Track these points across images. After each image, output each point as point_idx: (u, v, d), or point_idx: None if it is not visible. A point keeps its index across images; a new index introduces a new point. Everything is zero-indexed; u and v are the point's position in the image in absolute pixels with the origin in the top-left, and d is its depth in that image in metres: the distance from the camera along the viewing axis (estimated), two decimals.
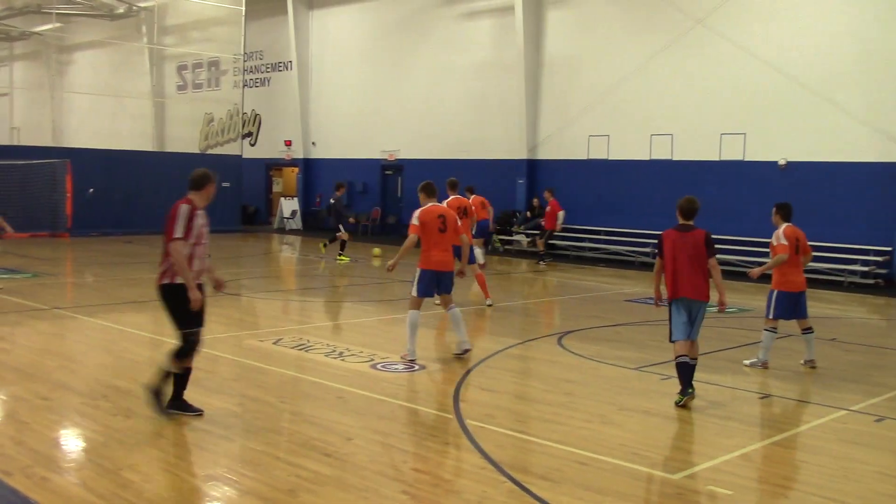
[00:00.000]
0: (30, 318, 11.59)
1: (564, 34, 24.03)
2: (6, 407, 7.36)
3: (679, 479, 5.82)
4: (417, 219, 9.31)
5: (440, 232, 9.33)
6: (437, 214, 9.38)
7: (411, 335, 9.28)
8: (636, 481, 5.80)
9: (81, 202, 25.07)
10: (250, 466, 5.86)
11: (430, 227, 9.28)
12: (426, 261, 9.31)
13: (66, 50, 40.56)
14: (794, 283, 9.48)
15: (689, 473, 5.97)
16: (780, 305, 9.43)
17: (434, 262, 9.32)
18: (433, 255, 9.30)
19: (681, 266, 7.88)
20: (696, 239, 7.93)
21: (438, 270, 9.35)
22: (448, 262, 9.45)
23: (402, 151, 28.45)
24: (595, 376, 8.96)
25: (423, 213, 9.35)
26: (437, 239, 9.29)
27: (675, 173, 21.51)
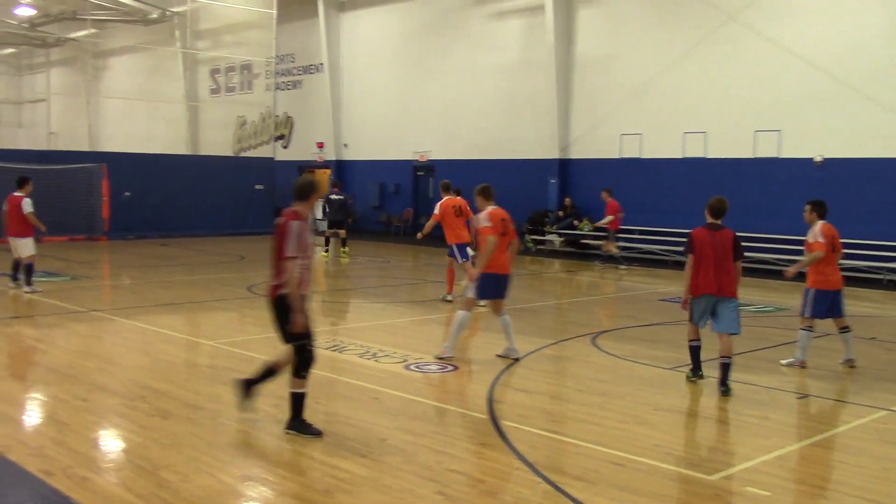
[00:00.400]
0: (68, 321, 11.76)
1: (595, 32, 23.92)
2: (47, 408, 7.48)
3: (716, 480, 5.77)
4: (488, 220, 9.18)
5: (502, 235, 9.25)
6: (500, 217, 9.29)
7: (456, 334, 9.25)
8: (672, 482, 5.76)
9: (117, 206, 25.38)
10: (286, 467, 5.90)
11: (499, 230, 9.20)
12: (491, 264, 9.16)
13: (102, 55, 41.12)
14: (831, 281, 9.35)
15: (726, 474, 5.91)
16: (817, 304, 9.31)
17: (498, 265, 9.21)
18: (497, 259, 9.19)
19: (709, 266, 8.14)
20: (724, 239, 8.21)
21: (502, 274, 9.27)
22: (508, 266, 9.38)
23: (433, 152, 28.48)
24: (630, 376, 8.91)
25: (491, 215, 9.24)
26: (501, 242, 9.19)
27: (709, 171, 21.31)
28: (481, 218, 9.25)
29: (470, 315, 9.28)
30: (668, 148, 22.21)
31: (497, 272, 9.23)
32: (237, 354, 9.62)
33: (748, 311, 13.62)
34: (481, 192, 9.50)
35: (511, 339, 9.47)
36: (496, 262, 9.20)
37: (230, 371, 8.85)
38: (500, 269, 9.24)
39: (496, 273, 9.23)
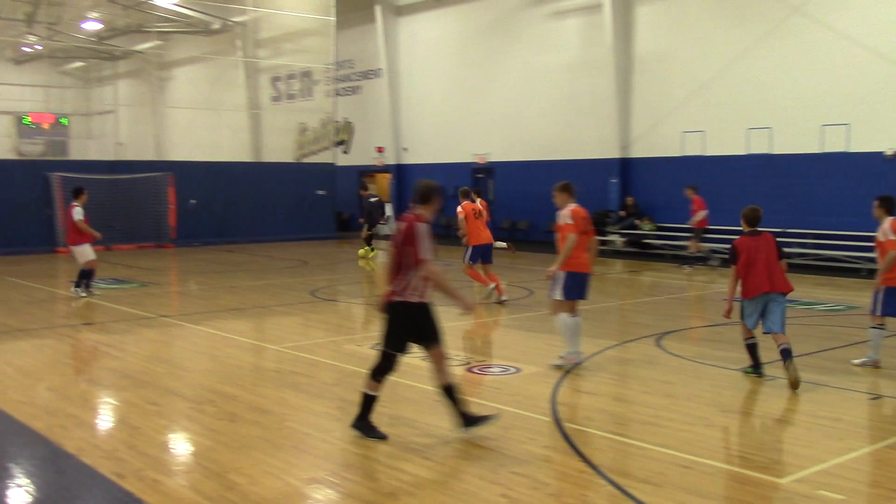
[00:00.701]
0: (138, 327, 12.04)
1: (655, 29, 23.64)
2: (119, 412, 7.67)
3: (788, 483, 5.64)
4: (572, 218, 8.96)
5: (583, 233, 9.05)
6: (582, 215, 9.07)
7: (571, 338, 9.02)
8: (742, 485, 5.65)
9: (184, 213, 25.93)
10: (352, 470, 5.94)
11: (581, 227, 8.99)
12: (576, 263, 8.98)
13: (166, 67, 42.05)
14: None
15: (798, 477, 5.77)
16: (888, 302, 9.03)
17: (580, 264, 9.03)
18: (579, 258, 9.00)
19: (759, 267, 8.43)
20: (767, 241, 8.59)
21: (585, 273, 9.11)
22: (590, 265, 9.21)
23: (492, 154, 28.45)
24: (696, 377, 8.77)
25: (573, 213, 8.99)
26: (581, 240, 8.99)
27: (775, 167, 20.89)
28: (564, 215, 9.01)
29: (569, 315, 9.04)
30: (731, 144, 21.82)
31: (581, 271, 9.04)
32: (302, 358, 9.74)
33: (818, 310, 13.30)
34: (563, 189, 9.18)
35: (577, 342, 9.29)
36: (579, 262, 9.00)
37: (295, 375, 8.97)
38: (583, 269, 9.05)
39: (580, 272, 9.03)
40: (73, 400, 7.94)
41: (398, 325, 6.54)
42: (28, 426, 7.00)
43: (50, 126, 38.18)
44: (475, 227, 13.96)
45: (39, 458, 6.33)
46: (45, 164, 27.63)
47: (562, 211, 9.08)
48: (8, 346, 10.79)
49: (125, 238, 24.90)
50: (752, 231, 8.66)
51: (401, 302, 6.48)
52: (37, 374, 9.04)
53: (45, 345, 10.69)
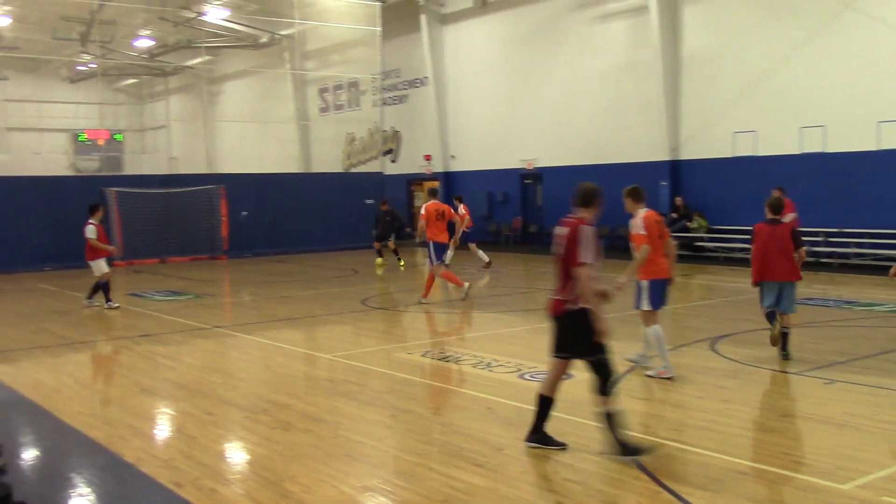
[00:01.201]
0: (193, 338, 12.22)
1: (702, 29, 23.36)
2: (176, 422, 7.79)
3: (850, 489, 5.51)
4: (643, 228, 8.67)
5: (659, 238, 8.84)
6: (655, 220, 8.77)
7: (662, 350, 8.79)
8: (803, 492, 5.53)
9: (235, 225, 26.27)
10: (404, 477, 5.95)
11: (655, 234, 8.72)
12: (657, 270, 8.75)
13: (216, 81, 42.72)
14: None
15: (861, 483, 5.63)
16: None
17: (662, 270, 8.79)
18: (660, 264, 8.78)
19: (771, 254, 9.25)
20: (783, 232, 9.29)
21: (668, 279, 8.90)
22: (670, 269, 8.93)
23: (540, 159, 28.36)
24: (752, 382, 8.62)
25: (646, 221, 8.67)
26: (658, 245, 8.73)
27: (829, 166, 20.47)
28: (636, 224, 8.72)
29: (660, 327, 8.86)
30: (784, 144, 21.44)
31: (662, 277, 8.82)
32: (354, 367, 9.79)
33: (878, 312, 13.00)
34: (630, 194, 8.88)
35: (651, 349, 9.12)
36: (660, 268, 8.77)
37: (348, 383, 9.03)
38: (663, 274, 8.82)
39: (663, 278, 8.83)
40: (131, 410, 8.08)
41: (581, 332, 6.25)
42: (88, 436, 7.15)
43: (105, 142, 39.00)
44: (436, 228, 14.94)
45: (100, 467, 6.46)
46: (100, 179, 28.25)
47: (633, 219, 8.80)
48: (69, 357, 11.03)
49: (179, 250, 25.34)
50: (772, 219, 9.39)
51: (573, 310, 6.27)
52: (96, 386, 9.23)
53: (104, 356, 10.91)
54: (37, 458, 6.79)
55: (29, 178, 25.40)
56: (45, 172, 30.52)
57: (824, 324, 12.06)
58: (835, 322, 12.23)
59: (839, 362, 9.28)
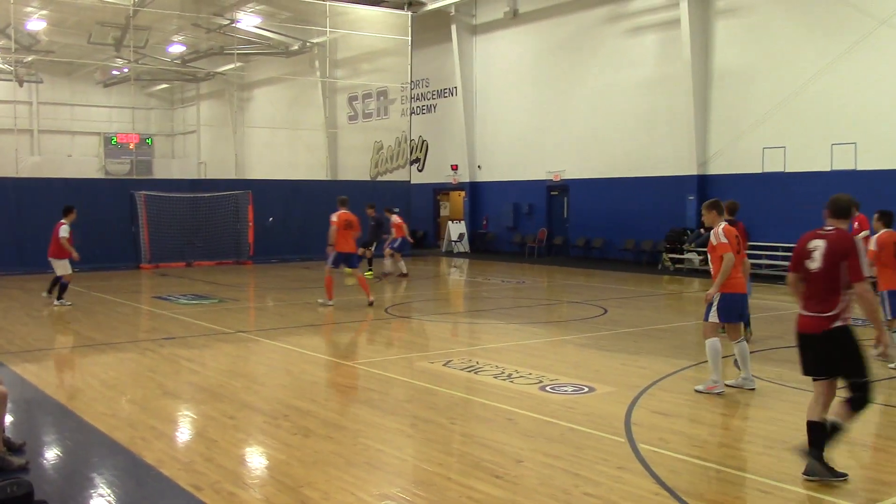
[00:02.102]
0: (217, 342, 12.29)
1: (734, 44, 23.24)
2: (197, 425, 7.82)
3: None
4: (725, 237, 8.58)
5: (737, 253, 8.72)
6: (735, 234, 8.73)
7: (717, 365, 8.65)
8: None
9: (261, 230, 26.43)
10: (423, 487, 5.94)
11: (733, 248, 8.60)
12: (729, 284, 8.56)
13: (247, 87, 43.08)
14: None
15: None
16: None
17: (737, 284, 8.65)
18: (735, 278, 8.63)
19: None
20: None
21: (742, 293, 8.78)
22: (745, 285, 8.90)
23: (567, 172, 28.31)
24: (776, 400, 8.52)
25: (727, 232, 8.59)
26: (735, 260, 8.59)
27: (860, 184, 20.21)
28: (718, 234, 8.63)
29: (719, 340, 8.73)
30: (814, 161, 21.26)
31: (737, 291, 8.69)
32: (375, 375, 9.80)
33: None
34: (711, 207, 8.88)
35: (748, 367, 8.91)
36: (735, 282, 8.64)
37: (369, 391, 9.04)
38: (739, 289, 8.70)
39: (737, 293, 8.69)
40: (153, 412, 8.13)
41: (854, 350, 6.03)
42: (110, 437, 7.20)
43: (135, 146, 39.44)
44: (342, 236, 15.47)
45: (121, 468, 6.50)
46: (130, 182, 28.55)
47: (715, 229, 8.73)
48: (93, 359, 11.14)
49: (205, 255, 25.54)
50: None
51: (845, 327, 6.01)
52: (120, 387, 9.30)
53: (128, 358, 10.99)
54: (59, 458, 6.85)
55: (60, 180, 25.72)
56: (77, 175, 30.89)
57: None
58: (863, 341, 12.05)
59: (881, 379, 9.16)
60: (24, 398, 8.68)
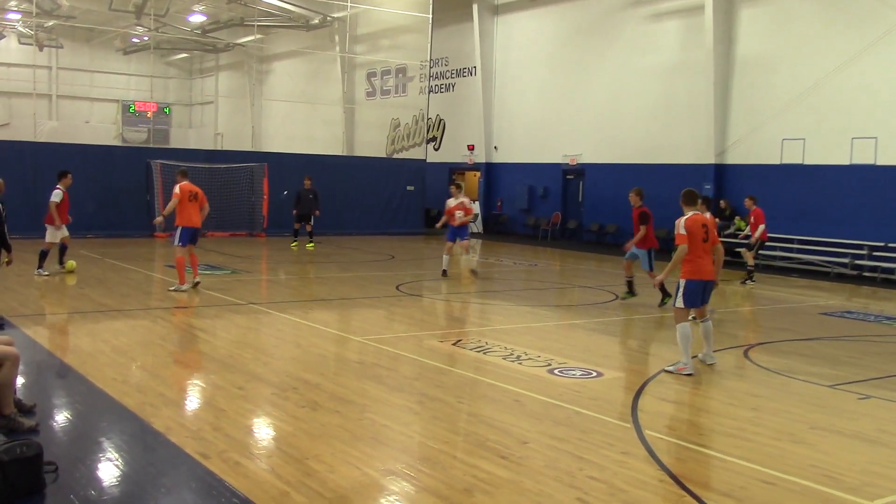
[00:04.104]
0: (228, 312, 12.35)
1: (758, 32, 23.02)
2: (206, 394, 7.88)
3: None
4: (684, 228, 9.17)
5: (703, 241, 9.16)
6: (701, 223, 9.26)
7: (686, 348, 9.07)
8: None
9: (276, 203, 26.45)
10: (428, 464, 5.97)
11: (697, 237, 9.16)
12: (691, 270, 9.16)
13: (266, 60, 43.02)
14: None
15: (889, 501, 5.54)
16: None
17: (700, 270, 9.16)
18: (698, 263, 9.16)
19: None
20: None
21: (707, 280, 9.25)
22: (713, 272, 9.34)
23: (584, 156, 28.20)
24: (784, 392, 8.51)
25: (689, 222, 9.20)
26: (701, 248, 9.18)
27: (879, 179, 20.09)
28: (679, 224, 9.22)
29: (689, 325, 9.19)
30: (833, 154, 21.08)
31: (702, 278, 9.19)
32: (384, 351, 9.84)
33: None
34: (682, 197, 9.55)
35: (710, 344, 9.52)
36: (701, 269, 9.16)
37: (377, 367, 9.07)
38: (705, 276, 9.20)
39: (701, 279, 9.18)
40: (163, 380, 8.19)
41: None
42: (120, 403, 7.26)
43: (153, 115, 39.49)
44: (187, 209, 13.91)
45: (129, 434, 6.56)
46: (147, 151, 28.58)
47: (679, 220, 9.31)
48: (105, 325, 11.22)
49: (219, 226, 25.60)
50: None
51: None
52: (130, 354, 9.36)
53: (140, 325, 11.06)
54: (69, 421, 6.92)
55: (77, 146, 25.79)
56: (94, 141, 30.96)
57: (863, 338, 11.86)
58: (874, 337, 12.03)
59: (875, 378, 9.13)
60: (35, 361, 8.76)
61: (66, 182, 15.65)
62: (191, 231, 14.09)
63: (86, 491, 5.27)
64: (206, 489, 5.38)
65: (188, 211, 13.98)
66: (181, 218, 13.99)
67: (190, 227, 14.03)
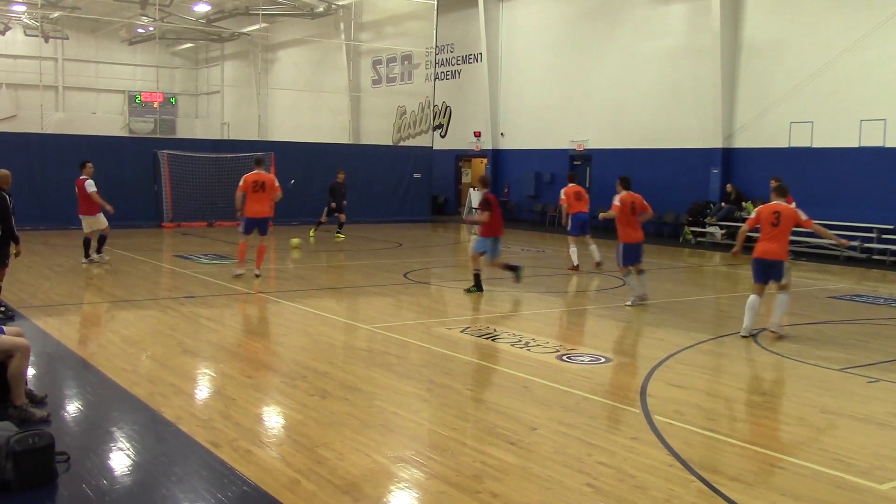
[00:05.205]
0: (237, 302, 12.39)
1: (765, 15, 22.87)
2: (216, 383, 7.91)
3: (887, 490, 5.42)
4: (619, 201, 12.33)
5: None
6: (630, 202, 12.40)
7: (633, 287, 12.34)
8: (838, 489, 5.45)
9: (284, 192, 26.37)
10: (437, 451, 5.99)
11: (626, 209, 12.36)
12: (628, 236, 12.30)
13: (271, 49, 42.96)
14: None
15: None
16: None
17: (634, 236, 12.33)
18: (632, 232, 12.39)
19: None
20: None
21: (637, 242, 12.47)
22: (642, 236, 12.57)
23: (590, 141, 28.11)
24: (794, 376, 8.50)
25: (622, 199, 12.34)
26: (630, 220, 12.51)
27: (889, 161, 19.98)
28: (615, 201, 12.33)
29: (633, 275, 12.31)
30: (842, 137, 20.97)
31: (632, 241, 12.22)
32: (393, 339, 9.86)
33: None
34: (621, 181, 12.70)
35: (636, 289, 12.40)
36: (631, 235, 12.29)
37: (386, 355, 9.09)
38: (634, 240, 12.25)
39: (631, 242, 12.21)
40: (173, 369, 8.23)
41: None
42: (131, 393, 7.30)
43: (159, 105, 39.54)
44: (251, 200, 14.38)
45: (140, 423, 6.59)
46: (153, 141, 28.60)
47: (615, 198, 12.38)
48: (114, 315, 11.26)
49: (227, 215, 25.61)
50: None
51: None
52: (140, 344, 9.40)
53: (149, 315, 11.11)
54: (80, 411, 6.96)
55: (84, 137, 25.83)
56: (101, 132, 31.01)
57: (872, 321, 11.83)
58: (883, 320, 12.00)
59: (884, 361, 9.11)
60: (46, 352, 8.80)
61: (89, 171, 15.58)
62: (254, 221, 14.29)
63: (97, 481, 5.30)
64: (217, 478, 5.41)
65: (252, 201, 14.25)
66: (246, 208, 14.32)
67: (253, 218, 14.24)
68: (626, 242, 12.21)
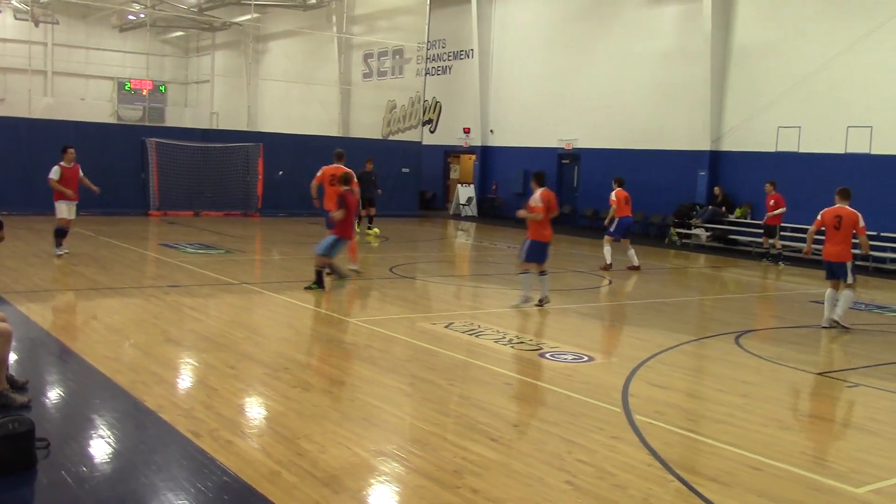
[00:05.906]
0: (221, 292, 12.36)
1: (756, 20, 22.96)
2: (198, 373, 7.90)
3: (863, 494, 5.47)
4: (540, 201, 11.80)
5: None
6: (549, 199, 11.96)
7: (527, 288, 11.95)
8: (815, 492, 5.50)
9: (271, 184, 26.40)
10: (418, 445, 6.01)
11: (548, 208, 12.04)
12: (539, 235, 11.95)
13: (263, 39, 42.82)
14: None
15: (875, 488, 5.60)
16: None
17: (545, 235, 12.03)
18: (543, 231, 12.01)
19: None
20: None
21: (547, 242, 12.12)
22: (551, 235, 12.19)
23: (579, 141, 28.17)
24: (774, 379, 8.56)
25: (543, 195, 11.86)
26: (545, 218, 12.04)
27: (874, 168, 20.12)
28: (536, 198, 11.83)
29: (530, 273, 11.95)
30: (829, 142, 21.10)
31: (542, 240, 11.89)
32: (377, 333, 9.86)
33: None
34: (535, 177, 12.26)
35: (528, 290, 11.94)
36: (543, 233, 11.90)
37: (370, 349, 9.10)
38: (545, 239, 11.92)
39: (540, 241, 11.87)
40: (155, 358, 8.21)
41: None
42: (112, 380, 7.28)
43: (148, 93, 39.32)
44: (327, 193, 14.40)
45: (121, 411, 6.58)
46: (142, 129, 28.44)
47: (534, 194, 11.91)
48: (98, 302, 11.22)
49: (213, 205, 25.58)
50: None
51: None
52: (123, 331, 9.37)
53: (133, 303, 11.07)
54: (61, 398, 6.94)
55: (72, 123, 25.65)
56: (89, 118, 30.81)
57: (853, 327, 11.93)
58: (864, 326, 12.09)
59: (865, 366, 9.19)
60: (28, 337, 8.76)
61: (68, 157, 14.98)
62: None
63: (77, 468, 5.29)
64: (197, 467, 5.41)
65: (327, 195, 14.25)
66: (324, 201, 14.42)
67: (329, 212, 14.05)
68: (534, 240, 11.84)
